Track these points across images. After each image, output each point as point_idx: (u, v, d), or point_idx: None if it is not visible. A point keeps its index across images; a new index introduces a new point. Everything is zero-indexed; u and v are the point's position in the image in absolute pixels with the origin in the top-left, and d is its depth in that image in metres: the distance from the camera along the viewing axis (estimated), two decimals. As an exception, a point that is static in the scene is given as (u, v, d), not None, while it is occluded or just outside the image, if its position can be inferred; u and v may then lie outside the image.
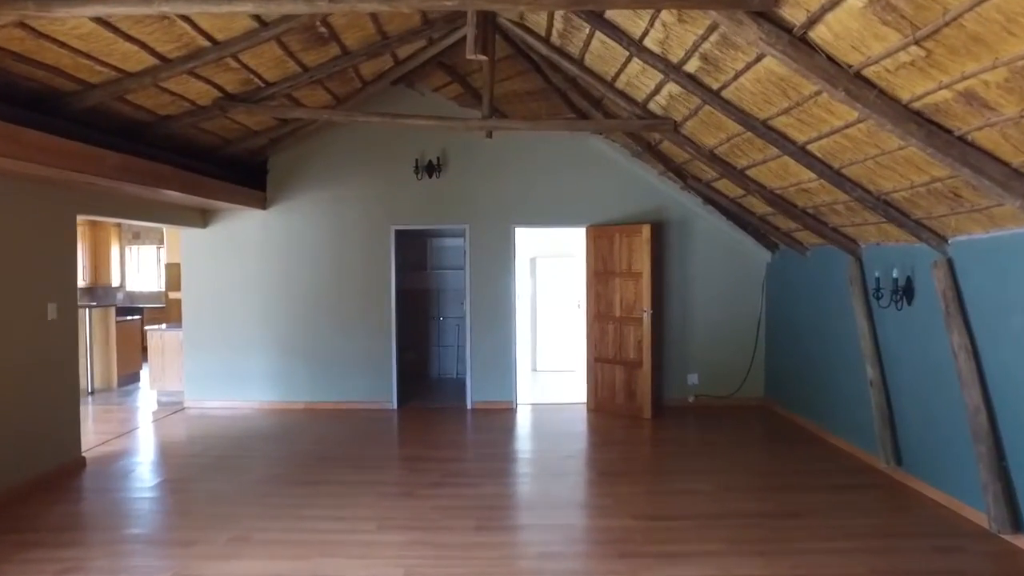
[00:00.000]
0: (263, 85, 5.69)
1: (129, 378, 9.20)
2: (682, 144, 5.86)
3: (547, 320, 11.07)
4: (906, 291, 5.04)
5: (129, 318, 9.51)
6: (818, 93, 3.88)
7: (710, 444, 6.42)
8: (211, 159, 6.92)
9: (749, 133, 4.97)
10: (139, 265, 12.80)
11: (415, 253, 9.64)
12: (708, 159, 5.85)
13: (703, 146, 5.80)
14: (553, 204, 7.85)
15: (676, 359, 7.92)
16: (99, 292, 12.29)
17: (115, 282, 12.27)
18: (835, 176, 4.69)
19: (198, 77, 5.12)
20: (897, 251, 5.20)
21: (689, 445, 6.46)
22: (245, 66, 5.24)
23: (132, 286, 12.66)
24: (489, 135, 5.86)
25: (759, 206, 6.52)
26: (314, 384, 7.95)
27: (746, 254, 7.85)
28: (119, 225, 12.16)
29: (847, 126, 4.05)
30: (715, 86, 4.64)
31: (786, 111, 4.35)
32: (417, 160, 7.69)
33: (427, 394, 8.76)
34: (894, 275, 5.05)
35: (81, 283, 11.78)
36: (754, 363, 7.90)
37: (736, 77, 4.36)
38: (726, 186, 6.54)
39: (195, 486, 5.30)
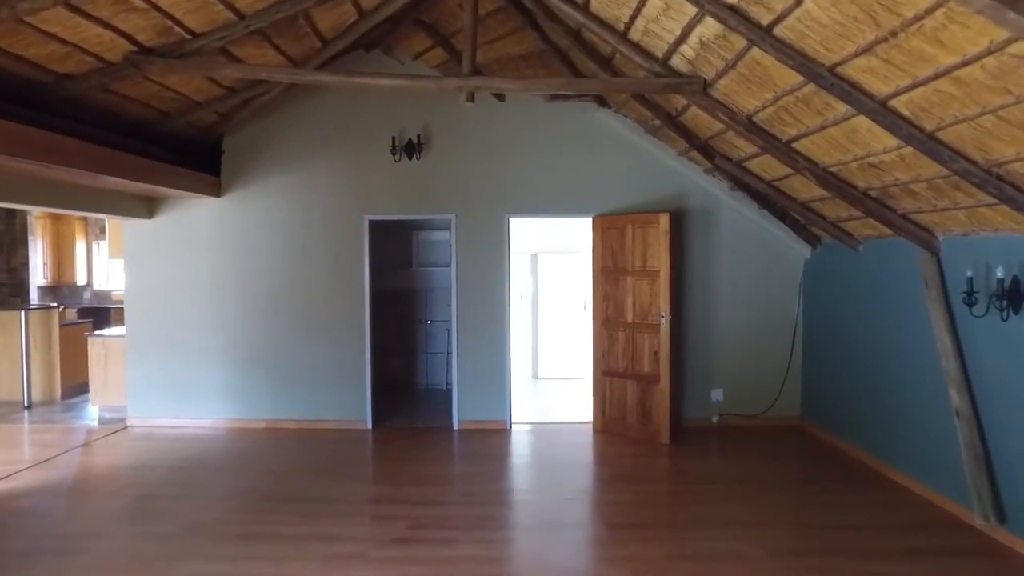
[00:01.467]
0: (188, 36, 4.47)
1: (76, 390, 8.03)
2: (713, 110, 4.61)
3: (549, 323, 9.85)
4: (1011, 296, 3.78)
5: (79, 321, 8.34)
6: (931, 12, 2.64)
7: (745, 481, 5.16)
8: (147, 136, 5.72)
9: (806, 89, 3.72)
10: (108, 262, 11.64)
11: (399, 248, 8.42)
12: (745, 129, 4.60)
13: (739, 112, 4.55)
14: (554, 190, 6.62)
15: (698, 372, 6.67)
16: (63, 291, 11.14)
17: (81, 280, 11.12)
18: (927, 141, 3.43)
19: (92, 19, 3.91)
20: (995, 244, 3.94)
21: (719, 482, 5.20)
22: (156, 6, 4.03)
23: (100, 285, 11.51)
24: (470, 98, 4.64)
25: (804, 189, 5.27)
26: (276, 400, 6.75)
27: (780, 249, 6.59)
28: (85, 218, 11.01)
29: (964, 64, 2.79)
30: (767, 19, 3.40)
31: (868, 49, 3.10)
32: (394, 139, 6.47)
33: (409, 410, 7.54)
34: (998, 275, 3.78)
35: (42, 281, 10.67)
36: (788, 377, 6.64)
37: (798, 2, 3.12)
38: (764, 165, 5.29)
39: (95, 544, 4.06)
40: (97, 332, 7.41)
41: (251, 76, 4.42)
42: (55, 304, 10.66)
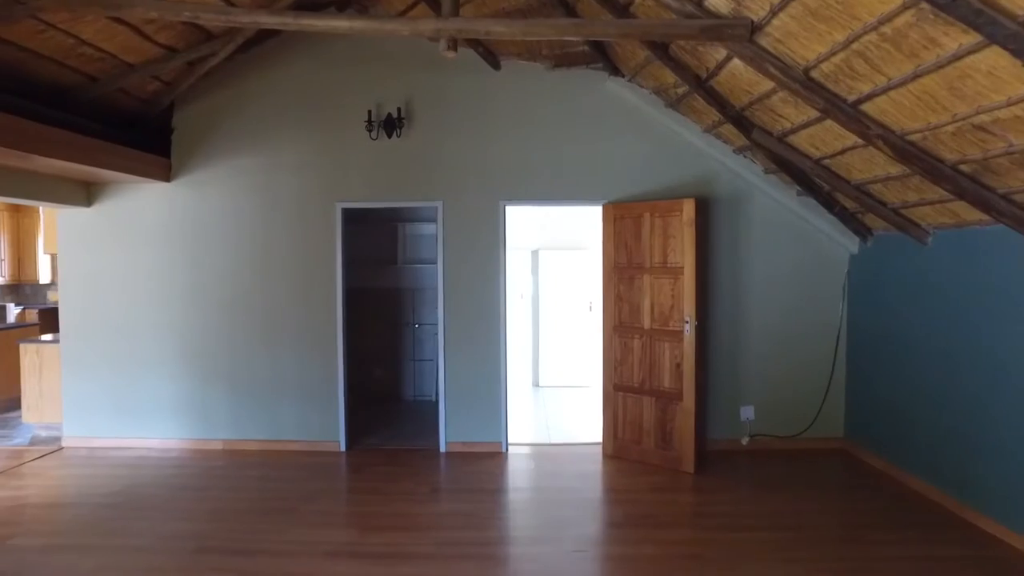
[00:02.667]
0: (90, -34, 3.48)
1: (9, 404, 7.00)
2: (760, 62, 3.56)
3: (552, 326, 8.83)
4: None
5: (19, 324, 7.34)
6: None
7: (792, 527, 4.11)
8: (74, 106, 4.71)
9: (904, 18, 2.69)
10: (42, 257, 10.61)
11: (382, 243, 7.40)
12: (802, 87, 3.56)
13: (795, 64, 3.51)
14: (558, 173, 5.59)
15: (725, 386, 5.64)
16: (25, 290, 10.15)
17: (44, 279, 10.13)
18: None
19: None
20: None
21: (759, 528, 4.14)
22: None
23: (68, 283, 10.50)
24: (452, 47, 3.61)
25: (863, 167, 4.22)
26: (236, 417, 5.73)
27: (822, 243, 5.55)
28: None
29: None
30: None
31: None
32: (371, 113, 5.45)
33: (391, 427, 6.52)
34: None
35: (0, 279, 9.68)
36: (830, 392, 5.60)
37: None
38: (816, 137, 4.24)
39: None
40: (31, 338, 6.40)
41: (170, 16, 3.40)
42: (16, 305, 9.70)
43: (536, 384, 8.93)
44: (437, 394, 5.85)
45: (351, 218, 5.75)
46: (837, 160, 4.36)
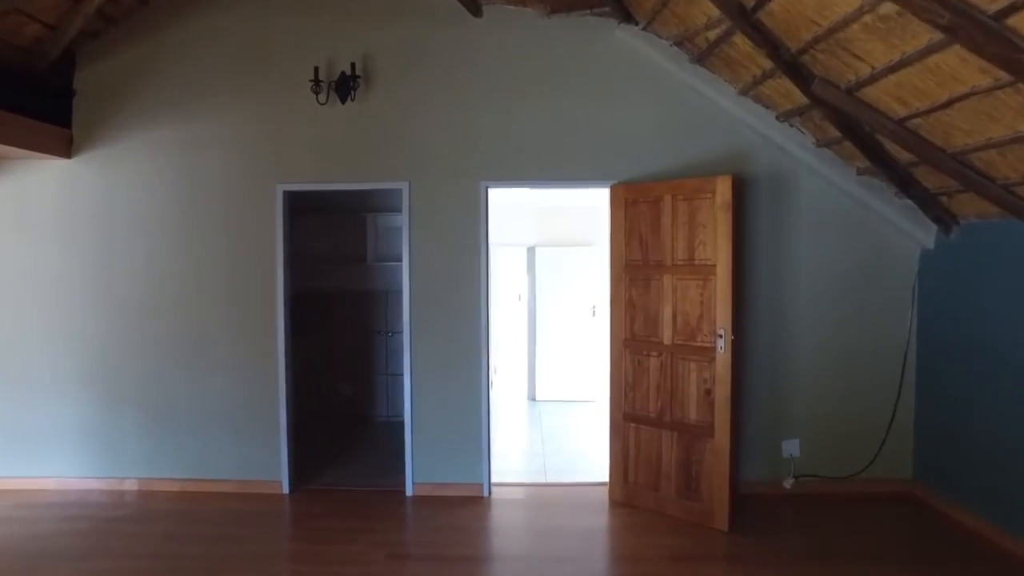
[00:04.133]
0: None
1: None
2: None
3: (550, 332, 7.64)
4: None
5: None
6: None
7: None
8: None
9: None
10: None
11: (349, 237, 6.16)
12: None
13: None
14: (554, 147, 4.34)
15: (764, 415, 4.40)
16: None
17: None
18: None
19: None
20: None
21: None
22: None
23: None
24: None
25: (979, 125, 2.96)
26: (151, 450, 4.50)
27: (887, 234, 4.29)
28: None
29: None
30: None
31: None
32: (318, 71, 4.22)
33: (353, 458, 5.26)
34: None
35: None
36: (895, 423, 4.35)
37: None
38: (909, 85, 2.98)
39: None
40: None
41: None
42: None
43: (532, 398, 7.73)
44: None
45: (301, 205, 4.58)
46: (934, 119, 3.11)
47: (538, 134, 4.34)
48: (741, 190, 4.17)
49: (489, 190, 4.37)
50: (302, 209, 6.07)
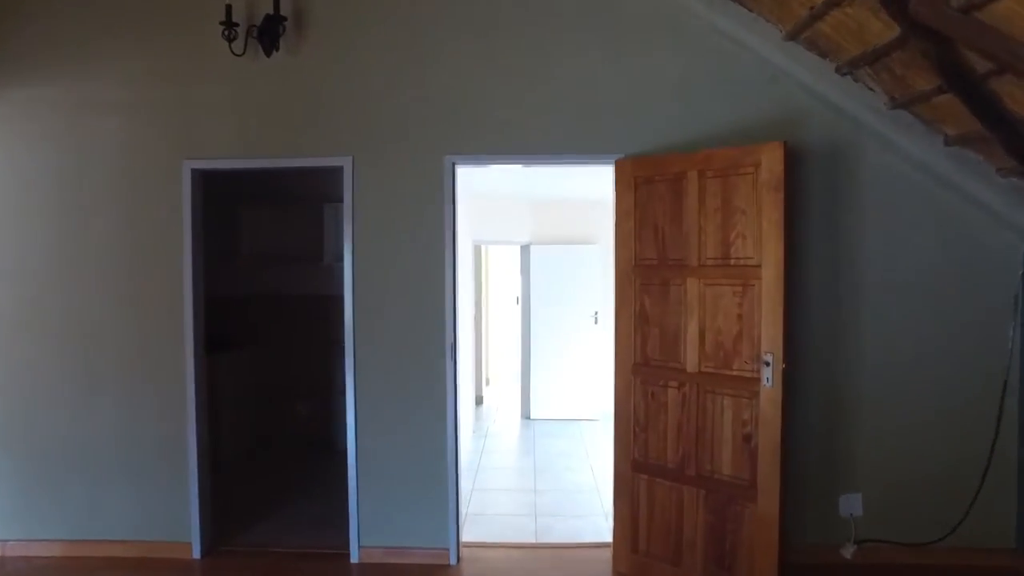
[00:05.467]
0: None
1: None
2: None
3: (548, 341, 6.60)
4: None
5: None
6: None
7: None
8: None
9: None
10: None
11: (302, 231, 5.09)
12: None
13: None
14: (541, 110, 3.25)
15: (816, 462, 3.27)
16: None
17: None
18: None
19: None
20: None
21: None
22: None
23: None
24: None
25: None
26: (25, 506, 3.42)
27: (981, 226, 3.15)
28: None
29: None
30: None
31: None
32: (230, 10, 3.14)
33: (295, 502, 4.19)
34: None
35: None
36: (993, 472, 3.23)
37: None
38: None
39: None
40: None
41: None
42: None
43: (526, 416, 6.67)
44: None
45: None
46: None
47: (521, 95, 3.26)
48: (790, 166, 3.06)
49: (458, 167, 3.30)
50: (246, 198, 5.05)
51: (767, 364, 2.67)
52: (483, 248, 7.69)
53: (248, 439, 5.10)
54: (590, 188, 5.73)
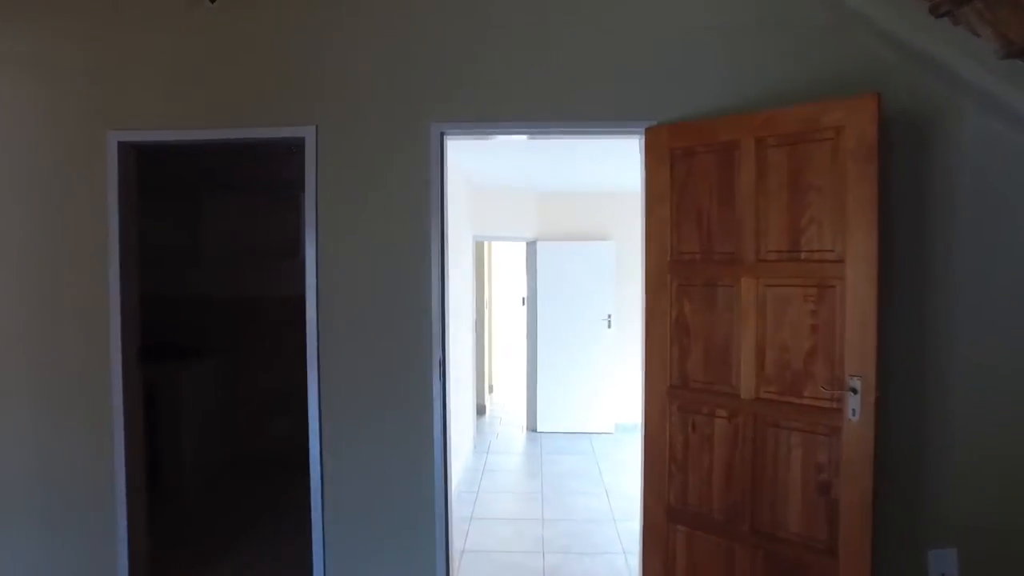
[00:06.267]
0: None
1: None
2: None
3: (557, 347, 5.95)
4: None
5: None
6: None
7: None
8: None
9: None
10: None
11: (278, 223, 4.42)
12: None
13: None
14: (553, 68, 2.55)
15: (899, 513, 2.57)
16: None
17: None
18: None
19: None
20: None
21: None
22: None
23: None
24: None
25: None
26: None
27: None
28: None
29: None
30: None
31: None
32: (162, -61, 2.50)
33: (254, 543, 3.51)
34: None
35: None
36: (1118, 520, 2.56)
37: None
38: None
39: None
40: None
41: None
42: None
43: (533, 429, 6.00)
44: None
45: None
46: None
47: (526, 48, 2.58)
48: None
49: (448, 139, 2.62)
50: (213, 187, 4.40)
51: (853, 391, 1.98)
52: (485, 245, 7.03)
53: (215, 461, 4.44)
54: (603, 177, 5.04)
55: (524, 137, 2.70)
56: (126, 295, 2.69)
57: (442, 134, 2.58)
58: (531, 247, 6.00)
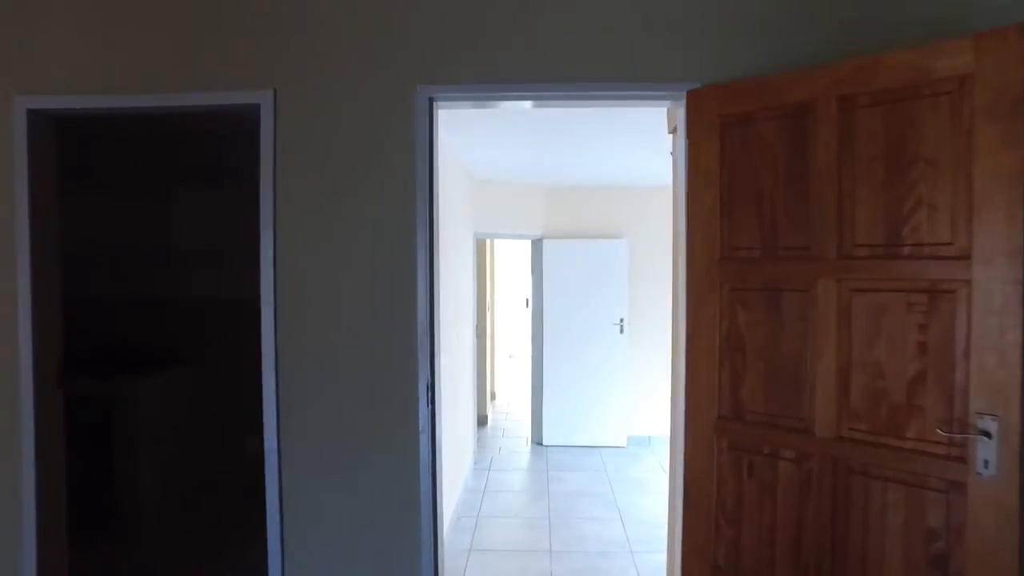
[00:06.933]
0: None
1: None
2: None
3: (563, 354, 5.42)
4: None
5: None
6: None
7: None
8: None
9: None
10: None
11: (256, 214, 3.93)
12: None
13: None
14: (567, 16, 2.02)
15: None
16: None
17: None
18: None
19: None
20: None
21: None
22: None
23: None
24: None
25: None
26: None
27: None
28: None
29: None
30: None
31: None
32: None
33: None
34: None
35: None
36: None
37: None
38: None
39: None
40: None
41: None
42: None
43: (538, 442, 5.48)
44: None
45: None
46: None
47: (536, -7, 2.04)
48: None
49: (439, 106, 2.07)
50: (183, 176, 3.87)
51: (986, 435, 1.43)
52: (488, 243, 6.49)
53: (181, 486, 3.90)
54: (617, 168, 4.51)
55: (529, 104, 2.15)
56: (43, 297, 2.16)
57: (431, 100, 2.04)
58: (537, 245, 5.46)
